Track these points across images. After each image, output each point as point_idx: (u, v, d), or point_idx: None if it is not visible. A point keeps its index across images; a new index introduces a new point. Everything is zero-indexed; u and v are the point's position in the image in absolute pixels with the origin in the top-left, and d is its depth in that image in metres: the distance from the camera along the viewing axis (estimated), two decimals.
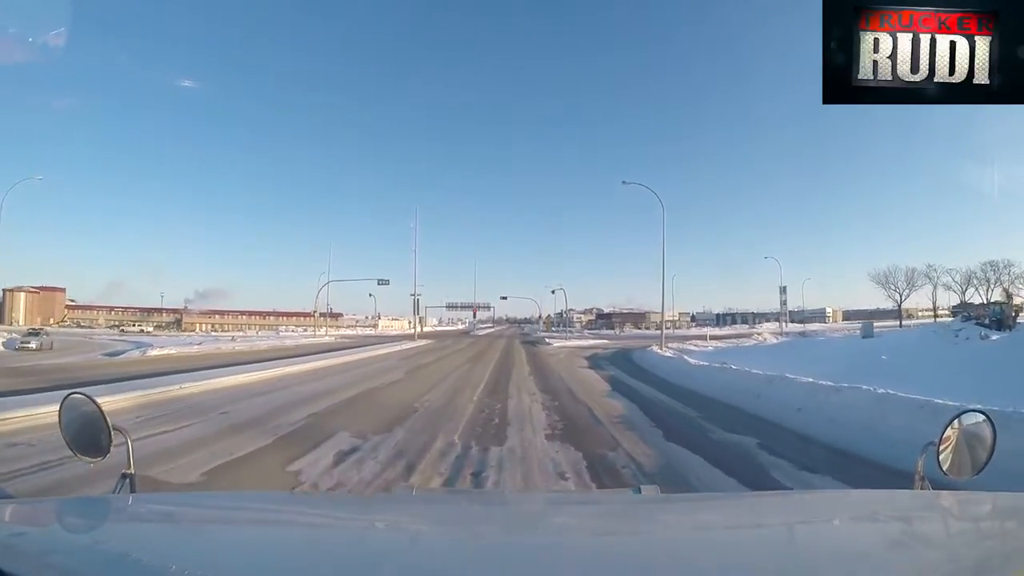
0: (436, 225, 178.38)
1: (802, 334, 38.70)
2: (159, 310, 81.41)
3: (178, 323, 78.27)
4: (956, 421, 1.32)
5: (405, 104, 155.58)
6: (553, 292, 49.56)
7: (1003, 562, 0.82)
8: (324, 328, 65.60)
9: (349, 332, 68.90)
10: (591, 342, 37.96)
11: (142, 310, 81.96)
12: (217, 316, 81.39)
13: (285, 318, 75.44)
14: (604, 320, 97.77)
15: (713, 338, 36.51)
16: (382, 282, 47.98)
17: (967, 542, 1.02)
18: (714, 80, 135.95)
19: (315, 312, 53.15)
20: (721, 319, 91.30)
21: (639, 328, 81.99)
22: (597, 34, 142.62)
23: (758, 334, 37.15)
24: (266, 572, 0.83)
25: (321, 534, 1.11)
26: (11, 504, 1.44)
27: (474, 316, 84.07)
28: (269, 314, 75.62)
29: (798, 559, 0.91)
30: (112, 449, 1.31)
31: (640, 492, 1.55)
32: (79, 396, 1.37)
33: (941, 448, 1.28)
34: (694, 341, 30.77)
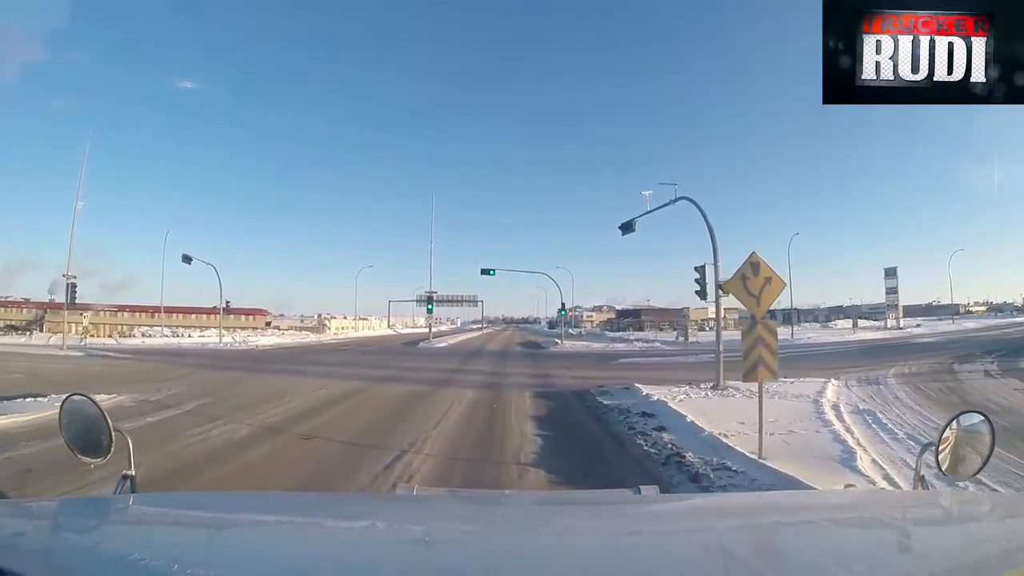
0: (417, 213, 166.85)
1: None
2: (17, 304, 54.83)
3: (40, 323, 49.48)
4: (955, 422, 1.32)
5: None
6: (623, 230, 14.45)
7: (1002, 562, 0.82)
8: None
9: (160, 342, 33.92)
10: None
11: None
12: (104, 312, 52.36)
13: (202, 316, 52.25)
14: (631, 319, 67.01)
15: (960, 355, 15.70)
16: None
17: (966, 542, 1.02)
18: (711, 77, 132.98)
19: None
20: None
21: (686, 332, 38.74)
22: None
23: None
24: (266, 572, 0.83)
25: (322, 534, 1.11)
26: (11, 504, 1.44)
27: (429, 306, 39.62)
28: (174, 310, 50.93)
29: (798, 559, 0.91)
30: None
31: (640, 492, 1.54)
32: (80, 397, 1.36)
33: (941, 448, 1.29)
34: None
